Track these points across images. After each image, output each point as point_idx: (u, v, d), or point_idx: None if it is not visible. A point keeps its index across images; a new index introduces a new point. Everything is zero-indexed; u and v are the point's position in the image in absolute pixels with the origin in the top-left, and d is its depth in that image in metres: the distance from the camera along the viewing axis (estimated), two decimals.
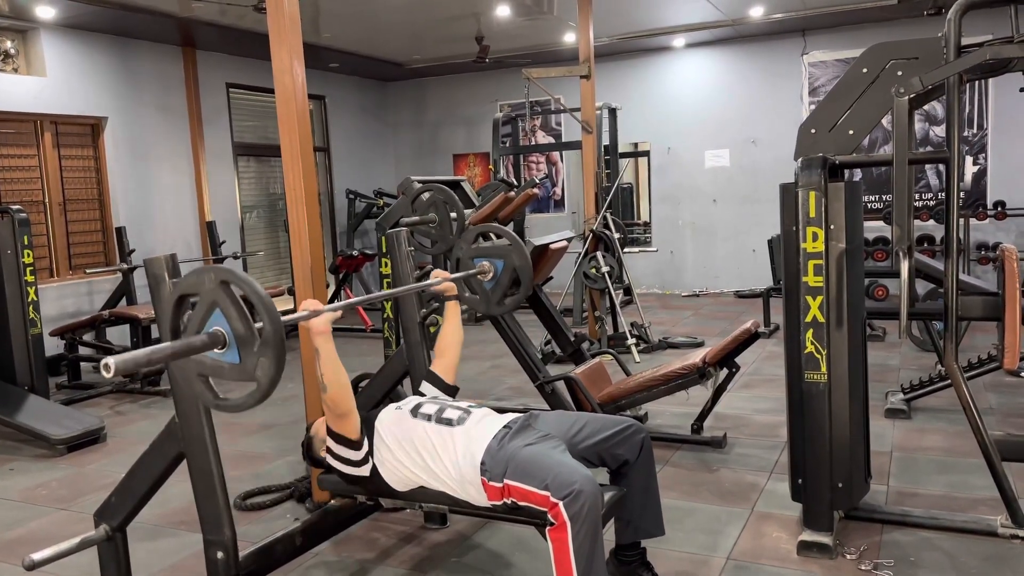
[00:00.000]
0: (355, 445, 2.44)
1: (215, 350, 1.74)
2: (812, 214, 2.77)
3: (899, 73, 2.89)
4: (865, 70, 2.96)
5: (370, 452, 2.46)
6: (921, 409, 4.53)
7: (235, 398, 1.78)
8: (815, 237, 2.77)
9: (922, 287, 4.76)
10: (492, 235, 3.39)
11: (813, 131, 3.01)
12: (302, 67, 3.20)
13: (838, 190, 2.81)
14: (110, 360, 1.50)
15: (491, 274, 3.14)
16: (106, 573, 2.53)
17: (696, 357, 4.04)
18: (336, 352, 2.33)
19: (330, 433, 2.46)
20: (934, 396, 4.56)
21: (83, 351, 6.31)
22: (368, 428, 2.50)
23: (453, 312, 2.92)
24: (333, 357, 2.31)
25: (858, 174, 8.25)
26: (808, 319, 2.81)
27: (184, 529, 3.38)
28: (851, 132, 2.98)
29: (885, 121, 9.30)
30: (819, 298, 2.79)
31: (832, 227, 2.80)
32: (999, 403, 4.63)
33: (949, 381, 4.42)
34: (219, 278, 1.73)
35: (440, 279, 2.86)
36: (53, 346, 6.13)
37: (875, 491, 3.31)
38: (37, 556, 2.26)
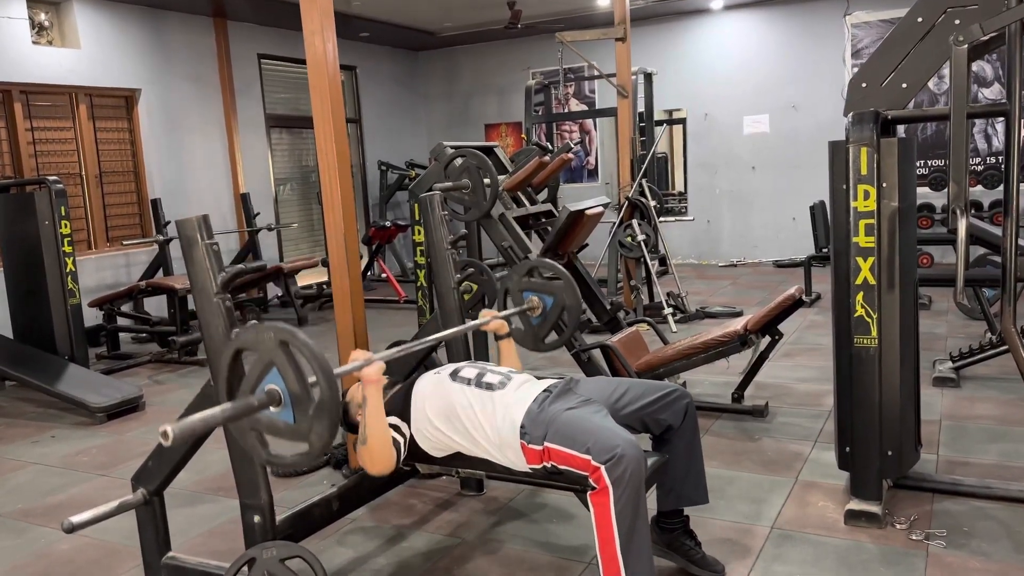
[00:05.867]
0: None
1: (270, 408, 1.73)
2: (864, 171, 2.65)
3: (956, 21, 2.73)
4: (920, 19, 2.80)
5: (407, 423, 2.42)
6: (970, 378, 4.39)
7: (287, 456, 1.78)
8: (867, 195, 2.66)
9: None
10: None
11: (864, 85, 2.87)
12: (332, 29, 3.13)
13: (891, 146, 2.69)
14: (168, 427, 1.52)
15: (539, 310, 3.04)
16: (144, 536, 2.54)
17: (737, 324, 3.94)
18: (383, 406, 2.26)
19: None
20: (984, 365, 4.42)
21: (121, 321, 6.38)
22: (405, 399, 2.45)
23: (507, 351, 2.82)
24: (380, 410, 2.23)
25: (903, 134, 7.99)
26: (858, 281, 2.70)
27: (222, 495, 3.39)
28: (904, 86, 2.83)
29: (932, 83, 8.88)
30: (870, 259, 2.68)
31: (884, 185, 2.68)
32: None
33: (1000, 349, 4.28)
34: (278, 338, 1.69)
35: (489, 318, 2.78)
36: (92, 317, 6.21)
37: (925, 460, 3.21)
38: (76, 519, 2.26)
